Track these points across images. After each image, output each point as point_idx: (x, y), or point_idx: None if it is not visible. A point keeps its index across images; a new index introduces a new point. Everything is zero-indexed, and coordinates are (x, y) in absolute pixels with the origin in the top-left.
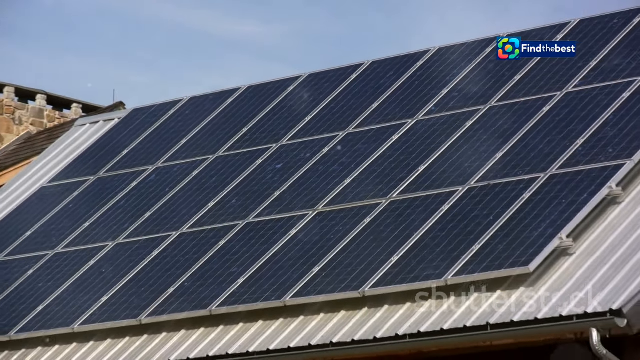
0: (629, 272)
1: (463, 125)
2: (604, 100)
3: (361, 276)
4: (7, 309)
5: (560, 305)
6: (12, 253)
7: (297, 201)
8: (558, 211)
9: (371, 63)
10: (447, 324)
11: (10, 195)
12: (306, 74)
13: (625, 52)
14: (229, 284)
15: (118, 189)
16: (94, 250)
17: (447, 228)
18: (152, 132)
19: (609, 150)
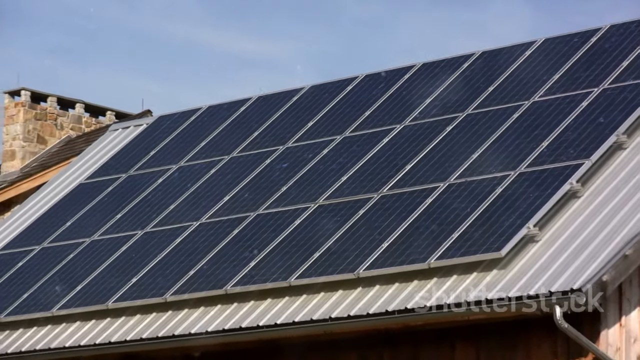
0: (587, 256)
1: (444, 130)
2: (565, 108)
3: (356, 260)
4: (49, 289)
5: (528, 285)
6: (54, 240)
7: (300, 196)
8: (526, 204)
9: (365, 76)
10: (430, 302)
11: (53, 190)
12: (308, 85)
13: (583, 66)
14: (242, 267)
15: (146, 185)
16: (125, 238)
17: (430, 218)
18: (176, 136)
19: (570, 151)
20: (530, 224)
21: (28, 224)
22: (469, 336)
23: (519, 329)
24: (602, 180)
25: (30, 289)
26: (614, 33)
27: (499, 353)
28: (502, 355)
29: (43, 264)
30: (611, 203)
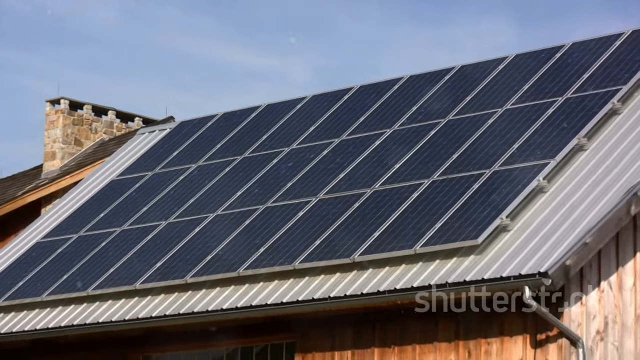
0: (552, 243)
1: (428, 134)
2: (533, 115)
3: (352, 247)
4: (85, 272)
5: (501, 269)
6: (89, 229)
7: (303, 191)
8: (499, 198)
9: (359, 87)
10: (415, 283)
11: (88, 186)
12: (310, 95)
13: (549, 78)
14: (252, 253)
15: (169, 181)
16: (151, 228)
17: (416, 211)
18: (195, 139)
19: (537, 152)
20: (503, 216)
21: (67, 215)
22: (451, 313)
23: (493, 307)
24: (566, 177)
25: (68, 272)
26: (576, 49)
27: (476, 328)
28: (479, 330)
29: (79, 250)
30: (573, 197)
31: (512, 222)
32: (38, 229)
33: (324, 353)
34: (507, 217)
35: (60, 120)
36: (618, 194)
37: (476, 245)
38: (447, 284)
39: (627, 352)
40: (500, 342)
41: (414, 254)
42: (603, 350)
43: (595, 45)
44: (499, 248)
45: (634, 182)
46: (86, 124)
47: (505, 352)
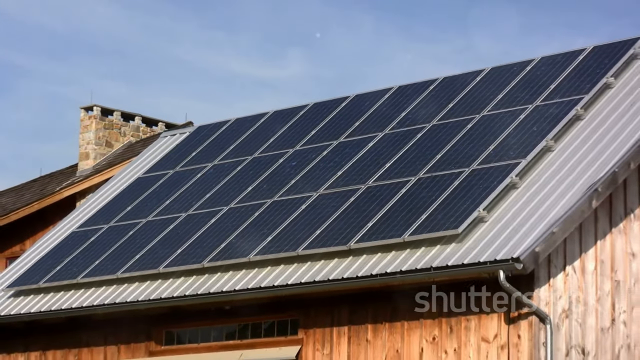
0: (523, 233)
1: (415, 137)
2: (507, 120)
3: (348, 235)
4: (114, 257)
5: (478, 255)
6: (118, 220)
7: (305, 187)
8: (477, 193)
9: (355, 96)
10: (404, 267)
11: (118, 182)
12: (312, 103)
13: (521, 88)
14: (261, 240)
15: (188, 178)
16: (172, 219)
17: (404, 204)
18: (211, 141)
19: (510, 153)
20: (480, 208)
21: (99, 208)
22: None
23: (472, 288)
24: (535, 175)
25: (100, 258)
26: (544, 63)
27: (457, 307)
28: (459, 309)
29: (110, 238)
30: (542, 192)
31: (488, 214)
32: (74, 220)
33: (323, 329)
34: (484, 209)
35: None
36: (581, 190)
37: (457, 234)
38: (431, 268)
39: (589, 328)
40: (478, 319)
41: (403, 241)
42: (568, 327)
43: (561, 59)
44: (477, 237)
45: (595, 180)
46: (116, 128)
47: (482, 328)
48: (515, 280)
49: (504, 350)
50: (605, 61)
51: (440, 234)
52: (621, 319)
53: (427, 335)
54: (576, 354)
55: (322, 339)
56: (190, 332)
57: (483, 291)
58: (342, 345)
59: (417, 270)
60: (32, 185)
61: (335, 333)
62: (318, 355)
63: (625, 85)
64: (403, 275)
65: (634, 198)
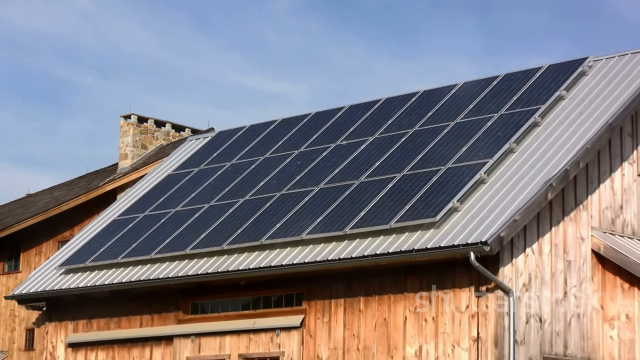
0: (490, 220)
1: (400, 140)
2: (477, 126)
3: (344, 223)
4: (148, 241)
5: (453, 238)
6: (152, 210)
7: (309, 182)
8: (452, 187)
9: (349, 106)
10: (391, 249)
11: (151, 179)
12: (313, 112)
13: (489, 99)
14: (271, 227)
15: (210, 175)
16: (197, 209)
17: (391, 196)
18: (229, 144)
19: (479, 153)
20: (455, 200)
21: (135, 200)
22: (416, 271)
23: (447, 266)
24: (500, 172)
25: (136, 241)
26: (508, 79)
27: (435, 282)
28: (437, 284)
29: (144, 225)
30: (506, 187)
31: (461, 205)
32: (114, 210)
33: (323, 301)
34: (458, 201)
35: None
36: (538, 185)
37: (435, 222)
38: (413, 250)
39: (544, 300)
40: (453, 292)
41: (390, 228)
42: (527, 299)
43: (522, 76)
44: (451, 224)
45: (550, 176)
46: (149, 133)
47: (456, 299)
48: (484, 260)
49: (474, 319)
50: (558, 77)
51: (421, 222)
52: (572, 292)
53: (410, 306)
54: (534, 322)
55: (322, 309)
56: (212, 303)
57: (457, 269)
58: (339, 315)
59: (401, 252)
60: (80, 180)
61: (333, 304)
62: (319, 323)
63: (575, 97)
64: (390, 256)
65: (583, 191)
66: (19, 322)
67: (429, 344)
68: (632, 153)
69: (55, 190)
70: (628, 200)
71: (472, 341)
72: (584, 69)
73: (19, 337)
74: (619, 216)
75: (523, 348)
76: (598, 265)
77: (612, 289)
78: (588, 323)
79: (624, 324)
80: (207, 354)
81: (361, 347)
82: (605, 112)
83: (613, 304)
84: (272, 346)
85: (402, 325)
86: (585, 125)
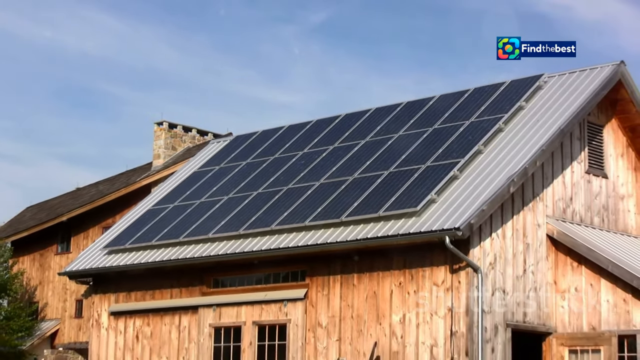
0: (462, 210)
1: (387, 143)
2: (452, 131)
3: (340, 212)
4: (177, 227)
5: (431, 225)
6: (180, 201)
7: (311, 178)
8: (430, 182)
9: (345, 114)
10: (379, 234)
11: (180, 175)
12: (315, 119)
13: (461, 109)
14: (280, 215)
15: (229, 172)
16: (217, 200)
17: (379, 190)
18: (245, 146)
19: (453, 154)
20: (433, 193)
21: (167, 193)
22: (400, 252)
23: (426, 248)
24: (471, 169)
25: (167, 227)
26: (477, 91)
27: (416, 262)
28: (418, 263)
29: (174, 214)
30: (475, 182)
31: (438, 197)
32: (149, 201)
33: (323, 277)
34: (435, 193)
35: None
36: (502, 180)
37: (416, 211)
38: (398, 235)
39: (507, 276)
40: (431, 270)
41: (378, 216)
42: (493, 275)
43: (489, 89)
44: (430, 213)
45: (512, 173)
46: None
47: (433, 276)
48: (457, 243)
49: (448, 292)
50: (519, 90)
51: (404, 211)
52: (530, 270)
53: (395, 281)
54: (499, 294)
55: (322, 284)
56: (230, 279)
57: (434, 250)
58: (336, 288)
59: (388, 236)
60: (120, 177)
61: (331, 280)
62: (319, 295)
63: (533, 107)
64: (378, 239)
65: (539, 186)
66: (70, 294)
67: (411, 312)
68: (580, 154)
69: (100, 185)
70: (577, 193)
71: (447, 310)
72: (540, 84)
73: (70, 306)
74: (569, 206)
75: (489, 316)
76: (552, 247)
77: (564, 267)
78: (543, 295)
79: (573, 295)
80: (226, 321)
81: (355, 315)
82: (558, 120)
83: (564, 279)
84: (281, 315)
85: (389, 297)
86: (541, 130)
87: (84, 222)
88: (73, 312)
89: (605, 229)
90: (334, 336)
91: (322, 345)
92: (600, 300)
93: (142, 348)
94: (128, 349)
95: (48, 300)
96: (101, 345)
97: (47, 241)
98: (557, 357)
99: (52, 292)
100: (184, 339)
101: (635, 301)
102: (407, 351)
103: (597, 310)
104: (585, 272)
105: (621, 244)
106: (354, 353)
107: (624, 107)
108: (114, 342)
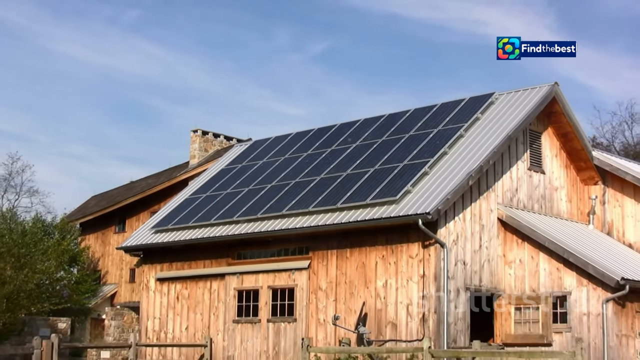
0: (431, 198)
1: (372, 146)
2: (423, 137)
3: (337, 200)
4: (209, 212)
5: (408, 210)
6: (211, 192)
7: (313, 173)
8: (407, 177)
9: (340, 124)
10: (367, 217)
11: (210, 171)
12: (316, 128)
13: (432, 119)
14: (289, 203)
15: (248, 171)
16: (239, 192)
17: (367, 183)
18: (262, 149)
19: (425, 155)
20: (409, 185)
21: (200, 185)
22: (383, 232)
23: (404, 229)
24: (438, 167)
25: (201, 212)
26: (443, 105)
27: (395, 239)
28: (397, 240)
29: (206, 201)
30: (442, 177)
31: (413, 188)
32: (186, 191)
33: (323, 251)
34: (411, 186)
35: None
36: (463, 175)
37: (396, 199)
38: (382, 218)
39: (467, 250)
40: (407, 246)
41: (366, 203)
42: (456, 250)
43: (452, 104)
44: (406, 201)
45: (470, 170)
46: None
47: (409, 250)
48: (428, 224)
49: (421, 263)
50: (476, 105)
51: (387, 199)
52: (485, 245)
53: (379, 255)
54: (460, 265)
55: (322, 257)
56: (251, 252)
57: (410, 230)
58: (332, 260)
59: (374, 219)
60: (164, 173)
61: (329, 254)
62: (320, 265)
63: (487, 118)
64: (366, 222)
65: (492, 179)
66: (125, 264)
67: (391, 279)
68: (524, 155)
69: (149, 179)
70: (521, 186)
71: (420, 277)
72: (493, 100)
73: (125, 274)
74: (515, 196)
75: (453, 281)
76: (501, 228)
77: (510, 243)
78: (495, 265)
79: (518, 265)
80: (247, 285)
81: (347, 281)
82: (506, 128)
83: (511, 253)
84: (290, 281)
85: (374, 267)
86: (493, 136)
87: (136, 208)
88: (127, 278)
89: (543, 213)
90: (331, 297)
91: (322, 304)
92: (539, 269)
93: (181, 306)
94: (170, 307)
95: (108, 269)
96: (149, 304)
97: (108, 223)
98: (506, 313)
99: (111, 263)
100: (214, 299)
101: (566, 269)
102: (388, 309)
103: (537, 276)
104: (527, 247)
105: (555, 225)
106: (347, 310)
107: (557, 118)
108: (159, 301)
